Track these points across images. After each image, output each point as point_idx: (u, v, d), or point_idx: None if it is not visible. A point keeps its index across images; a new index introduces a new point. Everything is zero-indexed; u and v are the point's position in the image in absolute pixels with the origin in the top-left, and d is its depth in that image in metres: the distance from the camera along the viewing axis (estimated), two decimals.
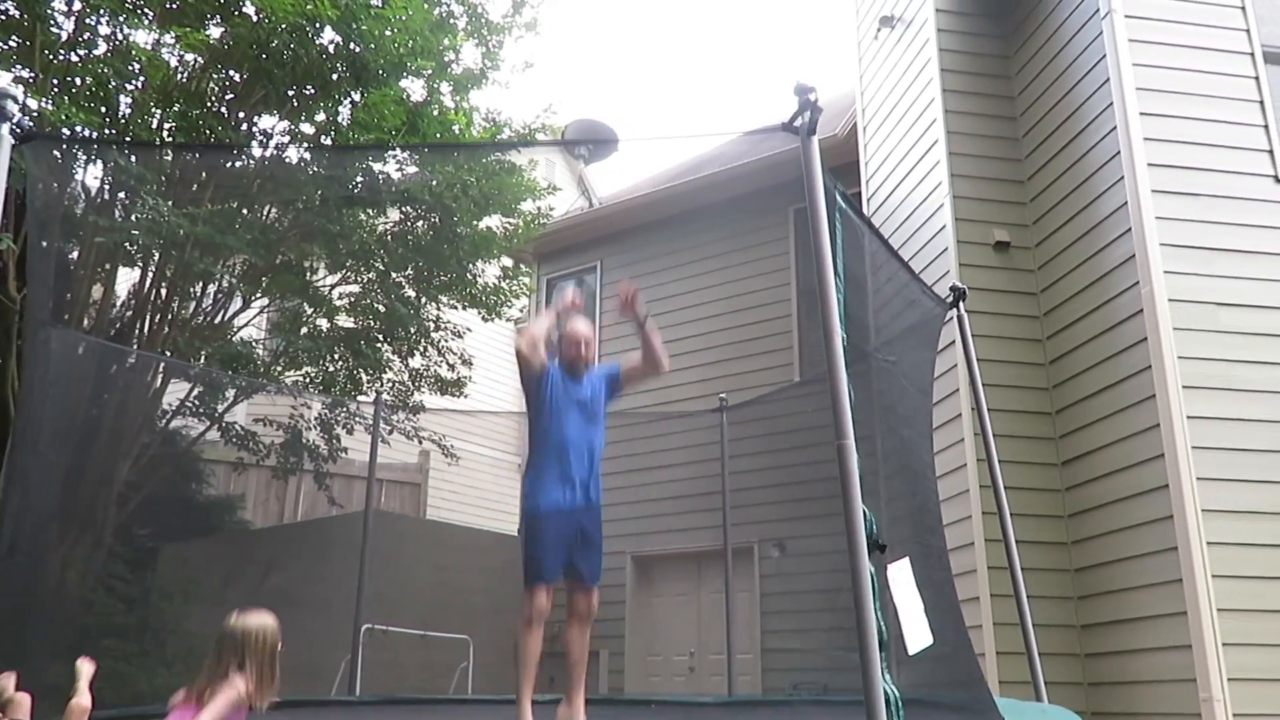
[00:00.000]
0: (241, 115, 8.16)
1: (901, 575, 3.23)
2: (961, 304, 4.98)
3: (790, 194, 10.12)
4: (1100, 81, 6.64)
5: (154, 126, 7.81)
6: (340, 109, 8.17)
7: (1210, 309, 6.02)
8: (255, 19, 7.38)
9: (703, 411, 8.12)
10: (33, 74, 7.19)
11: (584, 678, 4.50)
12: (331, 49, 7.74)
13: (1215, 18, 6.75)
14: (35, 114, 6.88)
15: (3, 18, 7.20)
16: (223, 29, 7.55)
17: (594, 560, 4.36)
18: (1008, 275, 7.28)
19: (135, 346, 7.98)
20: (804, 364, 9.93)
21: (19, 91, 3.00)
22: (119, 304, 8.94)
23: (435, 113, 8.35)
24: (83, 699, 3.48)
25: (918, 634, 3.23)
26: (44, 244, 4.36)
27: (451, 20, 8.40)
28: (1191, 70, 6.57)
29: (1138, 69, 6.43)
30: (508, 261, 10.01)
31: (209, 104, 7.98)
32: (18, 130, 2.90)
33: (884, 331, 4.30)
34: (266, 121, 8.47)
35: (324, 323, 9.20)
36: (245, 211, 8.24)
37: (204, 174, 8.18)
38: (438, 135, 8.16)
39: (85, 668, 3.62)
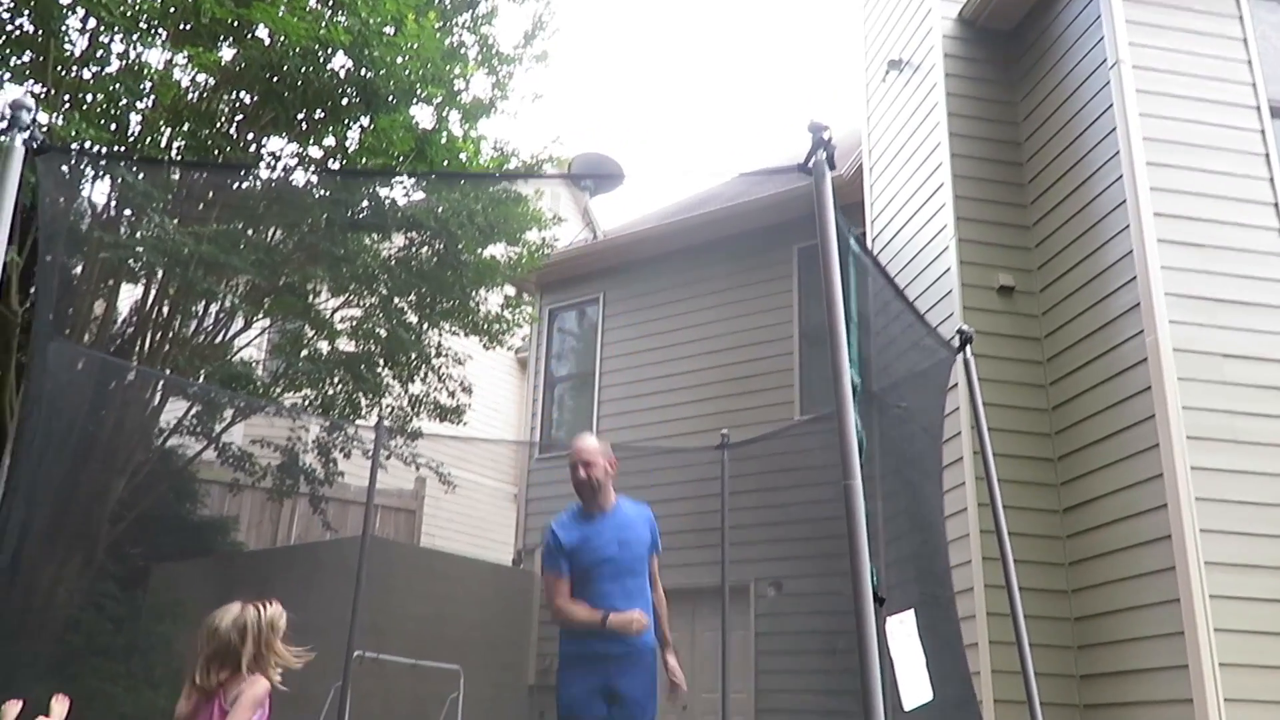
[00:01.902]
0: (250, 136, 8.18)
1: (902, 629, 3.18)
2: (968, 347, 4.96)
3: (795, 232, 10.15)
4: (1107, 130, 6.66)
5: (163, 145, 7.83)
6: (349, 133, 8.19)
7: (1216, 360, 6.01)
8: (267, 42, 7.42)
9: (704, 448, 8.08)
10: (45, 89, 7.22)
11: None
12: (342, 74, 7.78)
13: (1222, 71, 6.80)
14: (45, 129, 6.89)
15: (17, 33, 7.24)
16: (235, 51, 7.59)
17: None
18: (1011, 319, 7.28)
19: (135, 363, 7.95)
20: (805, 402, 9.91)
21: (33, 105, 2.98)
22: (120, 320, 8.92)
23: (443, 140, 8.37)
24: None
25: (916, 688, 3.18)
26: (48, 257, 4.35)
27: (463, 49, 8.46)
28: (1198, 122, 6.60)
29: (1144, 119, 6.47)
30: (511, 290, 10.02)
31: (219, 124, 8.00)
32: (33, 143, 2.89)
33: (891, 373, 4.27)
34: (275, 143, 8.51)
35: (325, 345, 9.18)
36: (250, 232, 8.24)
37: (211, 193, 8.19)
38: (445, 163, 8.18)
39: (58, 708, 3.43)
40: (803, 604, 9.06)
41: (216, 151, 7.79)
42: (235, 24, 7.47)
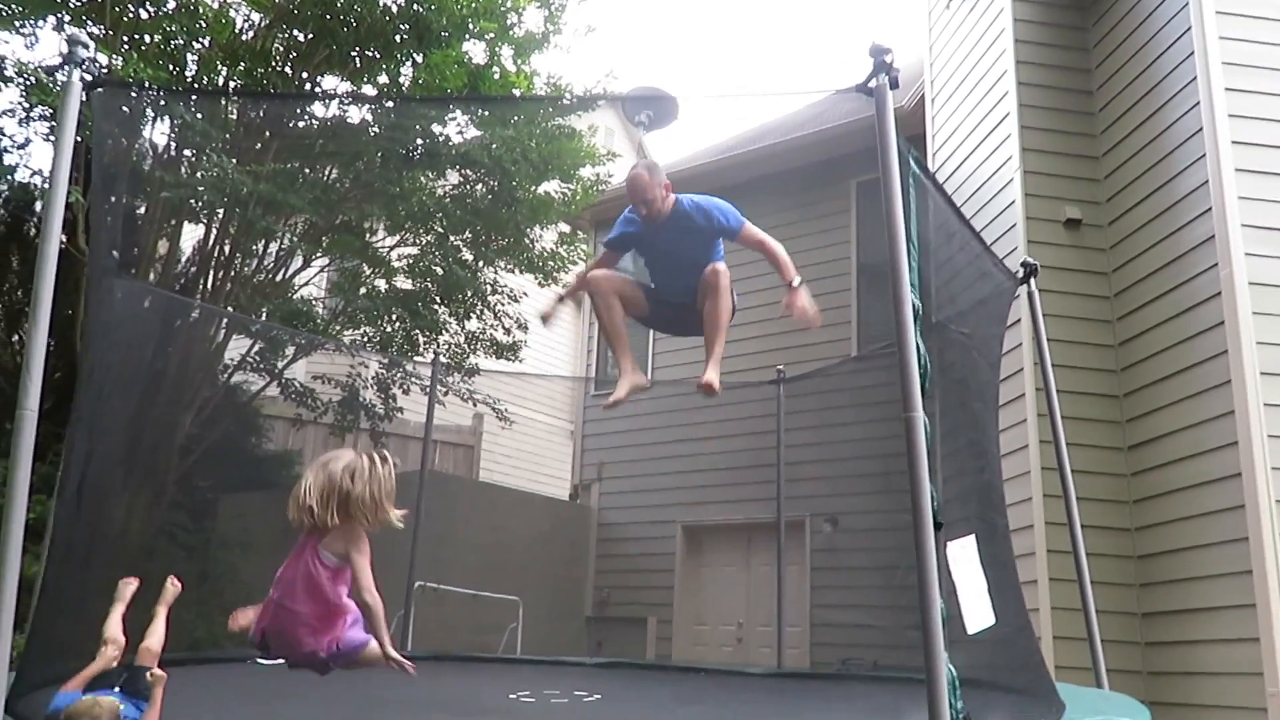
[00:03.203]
0: (305, 75, 8.19)
1: (964, 553, 3.16)
2: (1032, 280, 4.84)
3: (853, 166, 9.93)
4: (1184, 55, 6.38)
5: (220, 84, 7.88)
6: (402, 70, 8.17)
7: None
8: None
9: (760, 384, 8.04)
10: (104, 30, 7.28)
11: (715, 343, 4.35)
12: (395, 9, 7.73)
13: None
14: (105, 69, 6.96)
15: None
16: None
17: None
18: (1078, 254, 7.08)
19: (199, 300, 8.10)
20: (862, 339, 9.79)
21: (90, 42, 2.99)
22: (184, 259, 9.08)
23: (496, 75, 8.32)
24: (152, 641, 3.46)
25: (978, 613, 3.16)
26: (110, 197, 4.41)
27: None
28: None
29: (1224, 43, 6.17)
30: (565, 227, 9.97)
31: (273, 63, 8.02)
32: (86, 77, 2.91)
33: (954, 303, 4.18)
34: (329, 82, 8.51)
35: (382, 283, 9.26)
36: (307, 171, 8.30)
37: (267, 132, 8.25)
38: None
39: (170, 590, 3.54)
40: (859, 539, 9.05)
41: (272, 90, 7.83)
42: None
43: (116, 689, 3.11)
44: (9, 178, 9.14)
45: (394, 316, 9.14)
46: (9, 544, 2.54)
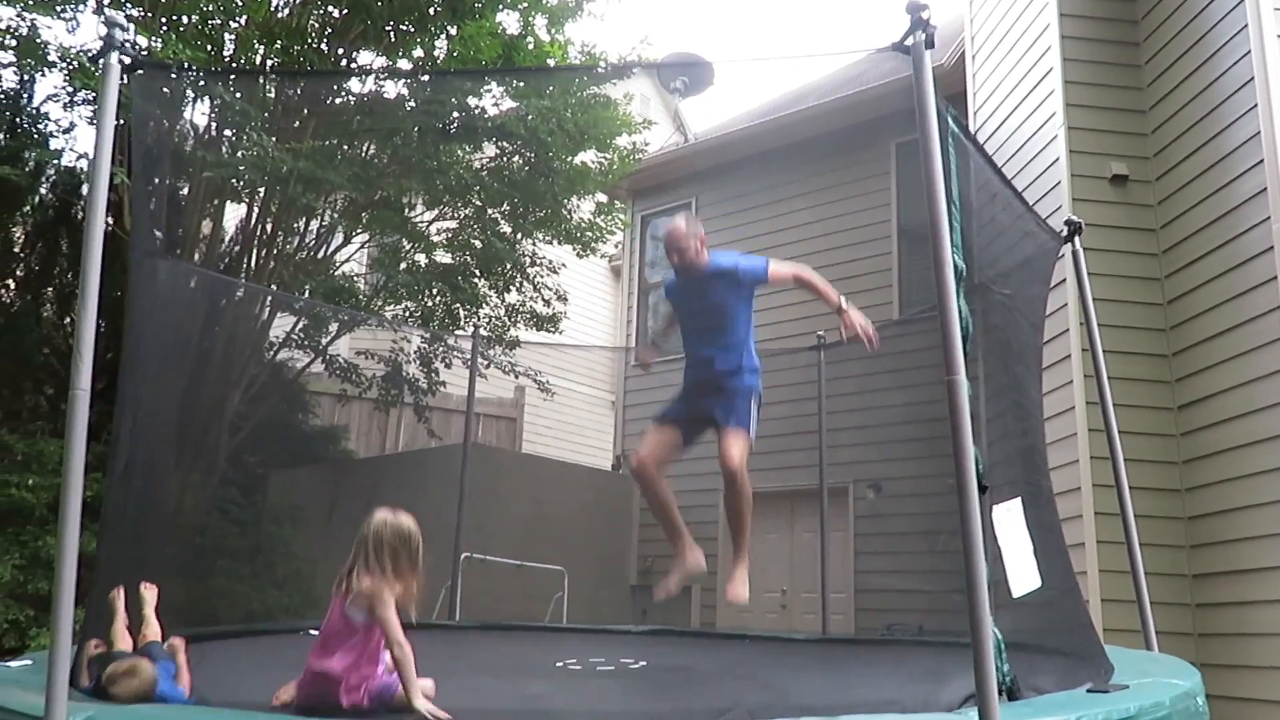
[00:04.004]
0: (340, 51, 8.22)
1: (1009, 516, 3.13)
2: (1077, 239, 4.75)
3: (892, 127, 9.79)
4: (1234, 2, 6.20)
5: (257, 63, 7.93)
6: (436, 43, 8.16)
7: None
8: None
9: (800, 350, 7.99)
10: (143, 13, 7.34)
11: (741, 540, 4.39)
12: None
13: None
14: (145, 52, 7.03)
15: None
16: None
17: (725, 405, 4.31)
18: (1125, 210, 6.94)
19: (243, 280, 8.21)
20: (904, 303, 9.69)
21: (128, 24, 3.03)
22: (227, 239, 9.19)
23: (530, 46, 8.29)
24: (150, 631, 3.56)
25: (1024, 576, 3.13)
26: (152, 178, 4.47)
27: None
28: None
29: None
30: (602, 197, 9.95)
31: (309, 40, 8.05)
32: (125, 60, 2.94)
33: (997, 264, 4.12)
34: (365, 57, 8.54)
35: (422, 258, 9.32)
36: (345, 148, 8.35)
37: (305, 109, 8.30)
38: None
39: (148, 595, 3.67)
40: (902, 504, 9.01)
41: (309, 67, 7.86)
42: None
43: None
44: (55, 162, 9.29)
45: (434, 291, 9.20)
46: (67, 521, 2.60)
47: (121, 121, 3.80)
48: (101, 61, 2.90)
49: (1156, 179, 6.95)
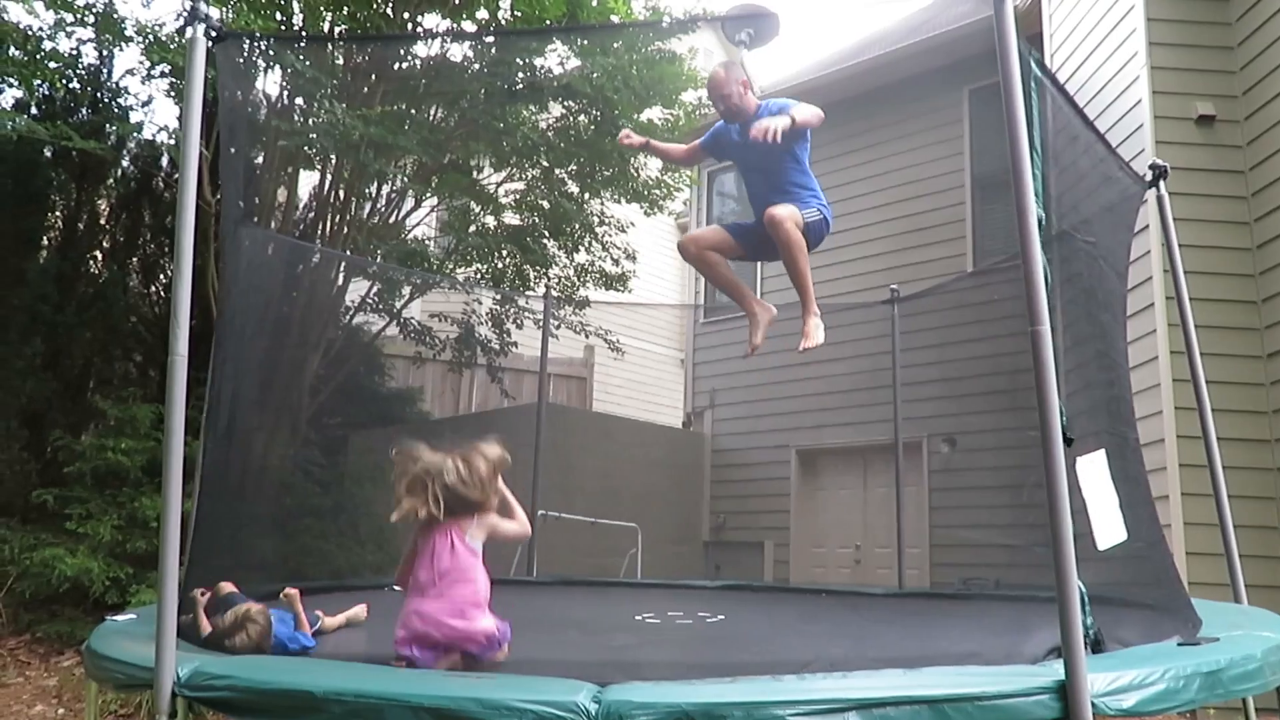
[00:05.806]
0: (405, 15, 8.26)
1: (1093, 469, 3.08)
2: (1162, 183, 4.60)
3: (965, 73, 9.54)
4: None
5: (325, 30, 8.02)
6: (500, 3, 8.15)
7: None
8: None
9: (873, 304, 7.91)
10: None
11: (805, 294, 4.27)
12: None
13: None
14: (220, 24, 7.14)
15: None
16: None
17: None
18: (1211, 152, 6.69)
19: (319, 245, 8.37)
20: (978, 254, 9.51)
21: None
22: (301, 206, 9.37)
23: (594, 3, 8.23)
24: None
25: (1109, 529, 3.09)
26: (232, 148, 4.58)
27: None
28: None
29: None
30: None
31: (375, 5, 8.10)
32: (211, 34, 3.01)
33: (1078, 210, 4.02)
34: (430, 21, 8.57)
35: (491, 220, 9.39)
36: (413, 112, 8.41)
37: (373, 76, 8.38)
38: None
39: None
40: (978, 458, 8.90)
41: (376, 33, 7.93)
42: None
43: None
44: (136, 135, 9.54)
45: (504, 252, 9.28)
46: (170, 481, 2.71)
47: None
48: (188, 33, 2.96)
49: (1245, 118, 6.68)
